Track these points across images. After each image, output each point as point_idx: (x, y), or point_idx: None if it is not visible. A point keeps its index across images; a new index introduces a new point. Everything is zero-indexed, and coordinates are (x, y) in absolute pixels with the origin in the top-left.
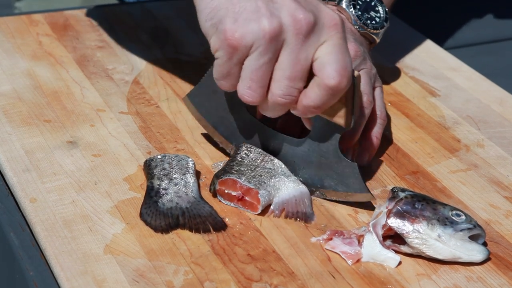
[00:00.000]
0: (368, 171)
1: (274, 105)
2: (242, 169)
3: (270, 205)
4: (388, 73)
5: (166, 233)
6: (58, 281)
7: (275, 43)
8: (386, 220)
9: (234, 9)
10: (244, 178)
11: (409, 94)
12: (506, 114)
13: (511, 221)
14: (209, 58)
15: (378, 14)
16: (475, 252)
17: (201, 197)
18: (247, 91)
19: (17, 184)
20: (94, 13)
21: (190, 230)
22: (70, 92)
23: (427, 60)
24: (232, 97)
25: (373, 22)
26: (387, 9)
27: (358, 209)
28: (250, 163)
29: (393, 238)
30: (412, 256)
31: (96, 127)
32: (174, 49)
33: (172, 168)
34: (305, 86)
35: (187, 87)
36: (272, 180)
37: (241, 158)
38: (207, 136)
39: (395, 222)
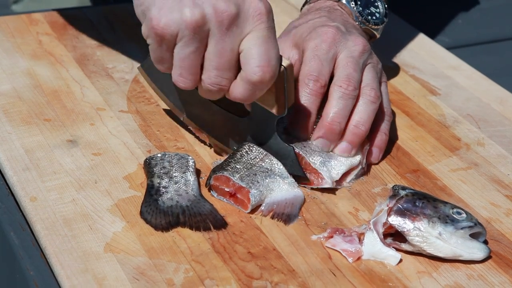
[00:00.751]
0: (368, 169)
1: (206, 92)
2: (238, 166)
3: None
4: (388, 71)
5: (166, 231)
6: (58, 279)
7: (200, 32)
8: (387, 218)
9: None
10: (237, 176)
11: (410, 93)
12: (506, 113)
13: (511, 219)
14: None
15: (378, 10)
16: (476, 250)
17: (201, 195)
18: (179, 78)
19: (17, 183)
20: (94, 12)
21: (191, 228)
22: (70, 91)
23: (428, 58)
24: None
25: (374, 17)
26: (386, 5)
27: (359, 207)
28: (247, 162)
29: (394, 236)
30: (413, 253)
31: (96, 126)
32: None
33: (172, 167)
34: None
35: None
36: (267, 180)
37: (240, 155)
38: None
39: (396, 220)
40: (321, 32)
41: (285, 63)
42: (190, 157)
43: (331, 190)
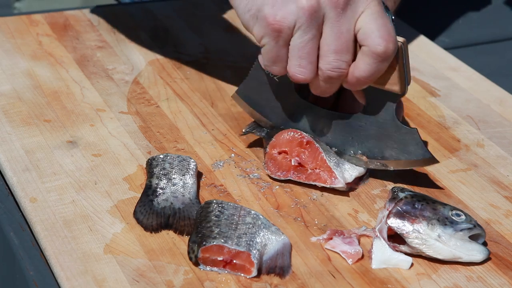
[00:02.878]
0: (367, 171)
1: (325, 80)
2: (223, 230)
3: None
4: None
5: (156, 232)
6: (58, 280)
7: (316, 18)
8: (386, 220)
9: None
10: (230, 241)
11: (409, 94)
12: (506, 114)
13: (511, 221)
14: (209, 58)
15: None
16: (475, 252)
17: (197, 199)
18: (297, 69)
19: (17, 184)
20: (94, 13)
21: (175, 231)
22: (70, 92)
23: (427, 60)
24: (281, 85)
25: None
26: (393, 17)
27: (358, 209)
28: (228, 222)
29: (393, 238)
30: (412, 255)
31: (96, 127)
32: (174, 49)
33: (173, 168)
34: (354, 60)
35: (187, 87)
36: (258, 237)
37: (216, 217)
38: (205, 136)
39: (395, 222)
40: None
41: (400, 39)
42: (192, 160)
43: (334, 192)
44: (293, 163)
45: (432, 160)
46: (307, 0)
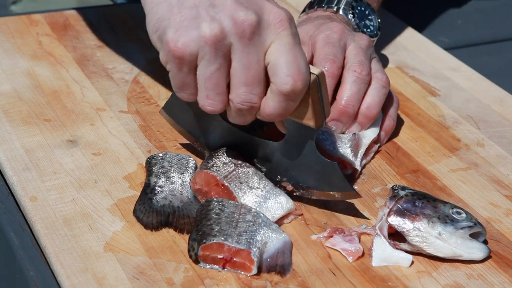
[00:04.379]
0: (368, 169)
1: (237, 113)
2: (223, 228)
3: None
4: (389, 73)
5: (156, 230)
6: (58, 279)
7: (221, 48)
8: (387, 218)
9: (175, 19)
10: (230, 239)
11: (410, 94)
12: (506, 113)
13: (511, 220)
14: None
15: (372, 23)
16: (476, 250)
17: (195, 198)
18: (206, 101)
19: (17, 183)
20: (94, 13)
21: (175, 230)
22: (70, 91)
23: (427, 60)
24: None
25: (368, 30)
26: (379, 20)
27: (359, 207)
28: (229, 220)
29: (393, 236)
30: (412, 253)
31: (96, 126)
32: None
33: (171, 167)
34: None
35: None
36: (258, 235)
37: (216, 215)
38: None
39: (395, 220)
40: (330, 25)
41: (315, 71)
42: (191, 159)
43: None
44: None
45: (354, 195)
46: (210, 28)
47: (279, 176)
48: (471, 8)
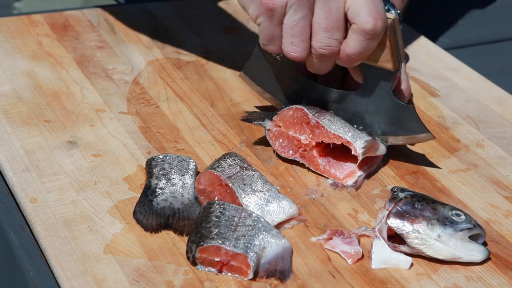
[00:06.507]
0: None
1: (318, 58)
2: (222, 231)
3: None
4: None
5: (156, 232)
6: (58, 281)
7: None
8: (386, 220)
9: None
10: (228, 242)
11: None
12: (506, 114)
13: (511, 221)
14: (209, 58)
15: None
16: (475, 252)
17: (196, 200)
18: (290, 47)
19: (17, 184)
20: (94, 13)
21: (175, 231)
22: (70, 92)
23: (427, 60)
24: (283, 64)
25: None
26: (399, 11)
27: (358, 209)
28: (228, 223)
29: (393, 238)
30: (412, 255)
31: (96, 127)
32: (174, 49)
33: (172, 169)
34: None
35: (187, 87)
36: (257, 240)
37: (216, 217)
38: (205, 136)
39: (394, 222)
40: None
41: (391, 16)
42: (192, 160)
43: (334, 192)
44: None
45: (429, 136)
46: None
47: (355, 125)
48: (471, 8)
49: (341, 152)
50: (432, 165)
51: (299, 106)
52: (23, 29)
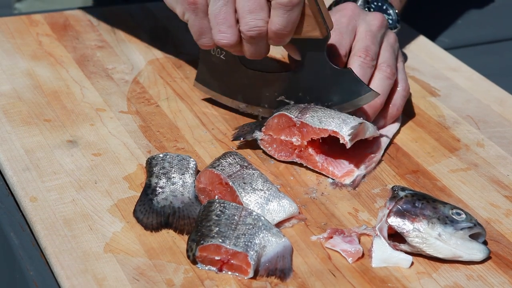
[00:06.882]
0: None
1: (249, 42)
2: (222, 230)
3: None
4: None
5: (156, 231)
6: (58, 279)
7: None
8: (386, 219)
9: None
10: (228, 241)
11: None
12: (506, 114)
13: (511, 220)
14: None
15: (390, 17)
16: (476, 251)
17: (196, 198)
18: (219, 35)
19: (17, 183)
20: (94, 13)
21: (175, 230)
22: (70, 91)
23: (427, 60)
24: (228, 62)
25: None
26: (397, 11)
27: (358, 208)
28: (228, 222)
29: (393, 237)
30: (412, 254)
31: (96, 127)
32: (174, 49)
33: (172, 168)
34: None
35: (187, 87)
36: (257, 238)
37: (216, 216)
38: (204, 136)
39: (395, 221)
40: (340, 7)
41: None
42: (192, 159)
43: (335, 191)
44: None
45: (374, 94)
46: None
47: (306, 104)
48: (470, 8)
49: (340, 149)
50: (433, 164)
51: (281, 112)
52: (23, 29)
